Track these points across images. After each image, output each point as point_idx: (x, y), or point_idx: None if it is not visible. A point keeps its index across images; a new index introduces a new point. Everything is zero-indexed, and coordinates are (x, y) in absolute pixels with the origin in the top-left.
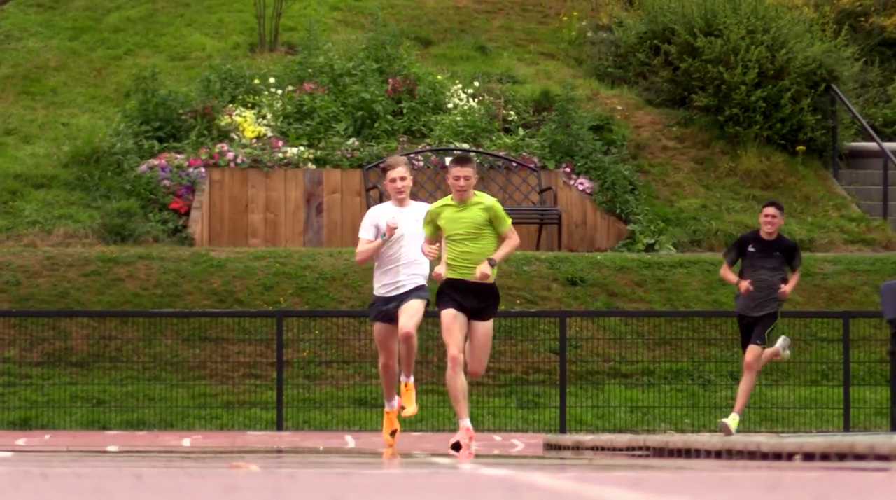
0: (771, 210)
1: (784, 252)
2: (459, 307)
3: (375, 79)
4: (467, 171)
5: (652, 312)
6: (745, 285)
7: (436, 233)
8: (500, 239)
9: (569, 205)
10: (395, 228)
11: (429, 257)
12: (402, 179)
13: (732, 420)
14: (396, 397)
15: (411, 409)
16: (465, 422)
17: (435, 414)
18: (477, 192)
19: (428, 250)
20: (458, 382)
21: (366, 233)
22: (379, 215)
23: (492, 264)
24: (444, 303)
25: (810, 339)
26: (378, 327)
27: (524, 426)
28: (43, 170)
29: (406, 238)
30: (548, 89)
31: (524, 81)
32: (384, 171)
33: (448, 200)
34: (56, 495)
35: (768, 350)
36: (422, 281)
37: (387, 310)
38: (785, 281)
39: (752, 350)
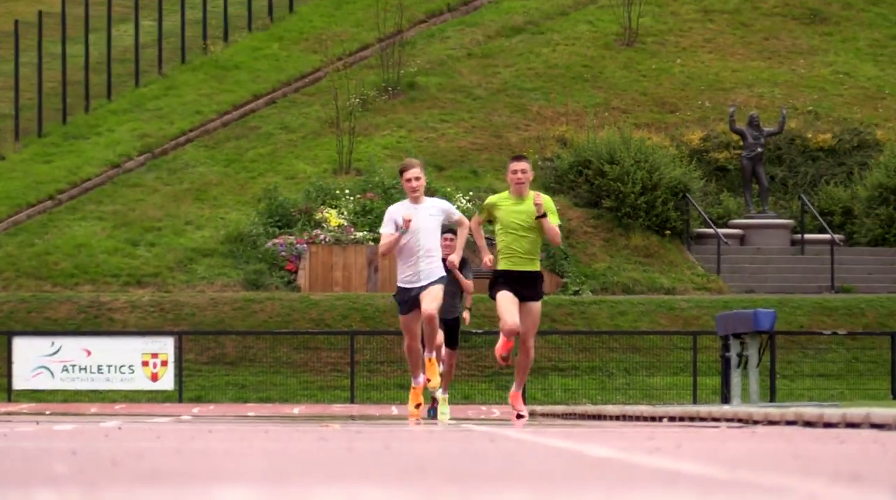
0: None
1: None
2: (512, 291)
3: None
4: (524, 165)
5: (577, 331)
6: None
7: (487, 219)
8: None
9: None
10: (410, 219)
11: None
12: (417, 178)
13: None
14: (421, 375)
15: (435, 380)
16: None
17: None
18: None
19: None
20: (519, 360)
21: (386, 228)
22: (396, 212)
23: (541, 213)
24: (498, 288)
25: (672, 348)
26: (403, 315)
27: (499, 400)
28: (208, 245)
29: (422, 231)
30: None
31: (499, 190)
32: (401, 172)
33: (506, 194)
34: (218, 440)
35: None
36: (441, 272)
37: (409, 298)
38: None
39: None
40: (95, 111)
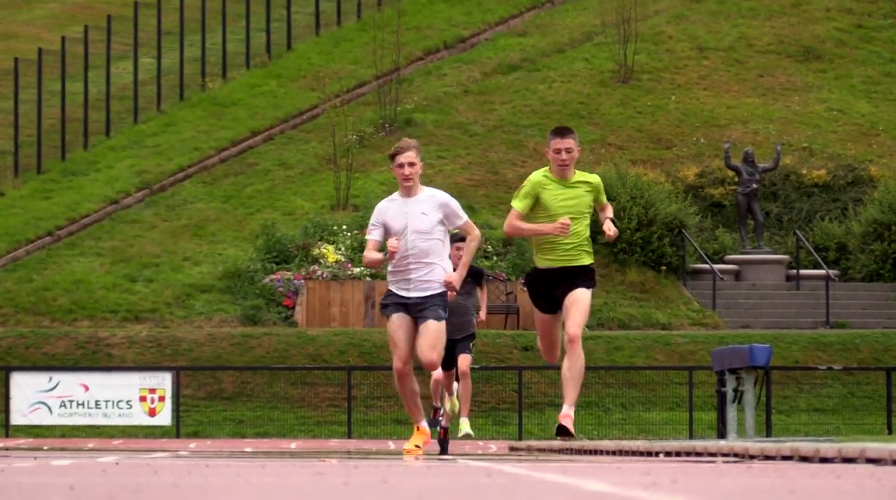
0: None
1: (473, 277)
2: (553, 304)
3: None
4: (569, 142)
5: None
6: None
7: (531, 209)
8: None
9: (523, 302)
10: (395, 252)
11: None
12: (411, 164)
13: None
14: (423, 418)
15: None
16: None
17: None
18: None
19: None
20: (568, 367)
21: (372, 234)
22: (384, 212)
23: (613, 222)
24: (536, 303)
25: (668, 383)
26: (390, 321)
27: (497, 436)
28: (206, 281)
29: (412, 234)
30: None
31: (495, 228)
32: (392, 156)
33: (546, 173)
34: (215, 476)
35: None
36: (437, 287)
37: (397, 302)
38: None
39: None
40: (94, 148)
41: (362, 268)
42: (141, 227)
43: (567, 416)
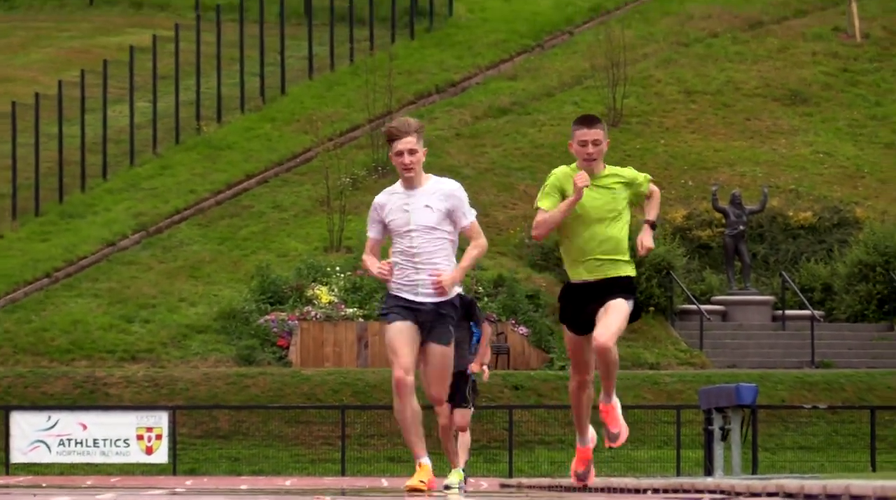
0: None
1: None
2: (584, 324)
3: None
4: (596, 133)
5: (563, 405)
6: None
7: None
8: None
9: (514, 342)
10: (388, 275)
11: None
12: (412, 152)
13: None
14: (424, 453)
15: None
16: (590, 433)
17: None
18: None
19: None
20: (582, 399)
21: (372, 231)
22: (382, 208)
23: (653, 227)
24: (567, 322)
25: (657, 422)
26: (390, 328)
27: (487, 473)
28: (202, 321)
29: (417, 231)
30: (501, 273)
31: (486, 269)
32: (389, 140)
33: (572, 170)
34: None
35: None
36: (452, 289)
37: (401, 304)
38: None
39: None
40: (91, 190)
41: (355, 309)
42: (137, 268)
43: (610, 409)
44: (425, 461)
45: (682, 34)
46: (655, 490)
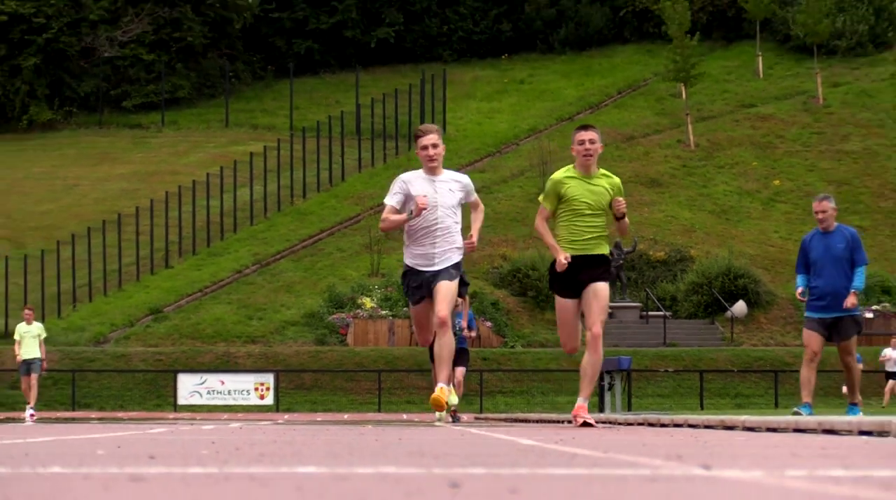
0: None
1: None
2: (575, 288)
3: None
4: (592, 134)
5: (513, 369)
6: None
7: (556, 207)
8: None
9: (483, 331)
10: (425, 208)
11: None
12: (434, 146)
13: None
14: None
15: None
16: (581, 401)
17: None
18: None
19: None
20: (590, 363)
21: (392, 200)
22: (409, 183)
23: (621, 215)
24: (558, 291)
25: (569, 380)
26: (415, 310)
27: (464, 410)
28: (294, 319)
29: (441, 208)
30: (475, 289)
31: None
32: (416, 138)
33: (571, 170)
34: (298, 435)
35: None
36: (457, 257)
37: (421, 283)
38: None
39: None
40: (227, 239)
41: (387, 311)
42: (254, 287)
43: (582, 407)
44: (442, 385)
45: None
46: (568, 421)
